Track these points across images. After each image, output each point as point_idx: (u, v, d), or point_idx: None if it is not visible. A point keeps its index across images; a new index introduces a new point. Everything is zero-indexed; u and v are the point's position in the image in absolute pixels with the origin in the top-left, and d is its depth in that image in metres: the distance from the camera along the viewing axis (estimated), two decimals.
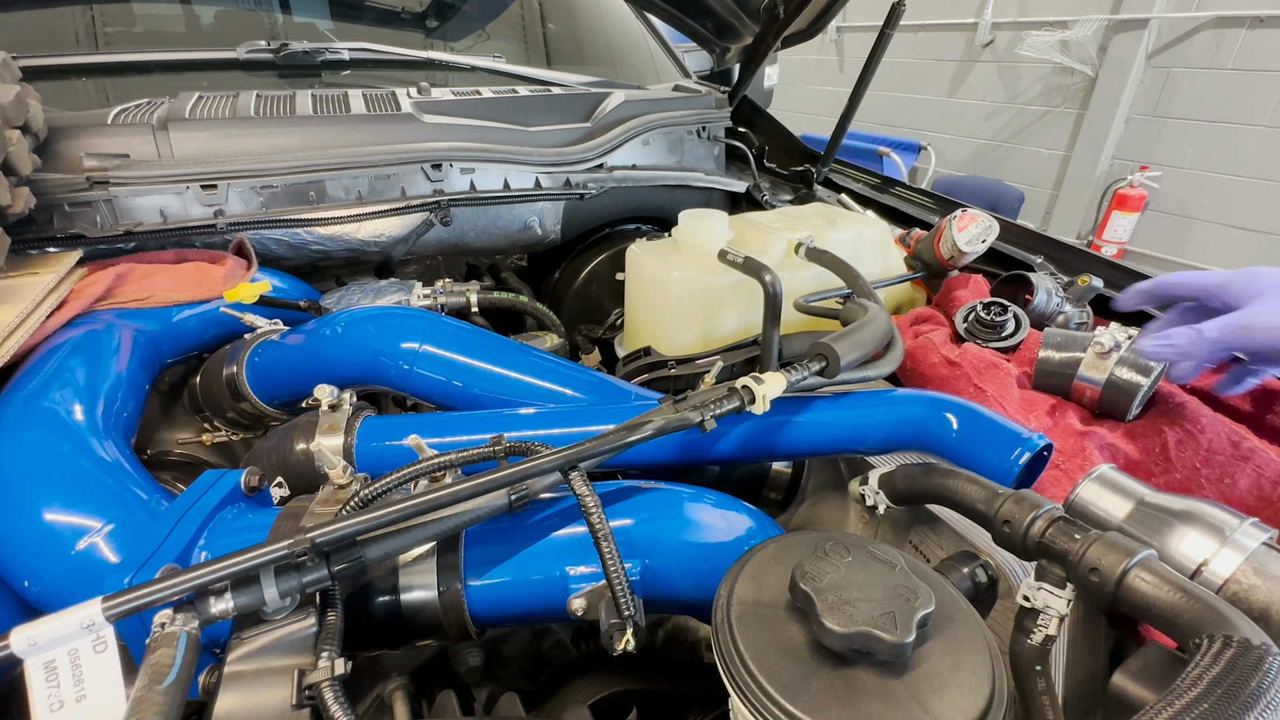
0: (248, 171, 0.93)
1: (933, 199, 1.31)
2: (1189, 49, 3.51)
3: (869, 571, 0.41)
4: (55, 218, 0.85)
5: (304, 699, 0.40)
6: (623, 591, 0.46)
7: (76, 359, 0.68)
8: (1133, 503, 0.51)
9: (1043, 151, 4.22)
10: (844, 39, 5.15)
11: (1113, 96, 3.77)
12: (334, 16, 1.46)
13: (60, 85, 1.09)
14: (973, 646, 0.39)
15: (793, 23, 1.33)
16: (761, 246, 0.96)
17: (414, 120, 1.05)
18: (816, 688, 0.36)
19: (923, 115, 4.76)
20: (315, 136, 0.99)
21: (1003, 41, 4.19)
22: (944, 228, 1.02)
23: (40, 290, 0.71)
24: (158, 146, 0.91)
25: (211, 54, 1.19)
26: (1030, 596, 0.46)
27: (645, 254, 0.95)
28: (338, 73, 1.26)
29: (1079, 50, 3.78)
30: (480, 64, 1.36)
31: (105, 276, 0.78)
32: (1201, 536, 0.46)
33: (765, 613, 0.41)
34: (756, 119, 1.57)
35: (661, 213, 1.32)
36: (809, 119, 5.34)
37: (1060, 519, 0.45)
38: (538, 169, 1.12)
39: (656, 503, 0.57)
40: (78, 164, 0.86)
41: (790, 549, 0.46)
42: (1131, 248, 3.95)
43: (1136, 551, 0.41)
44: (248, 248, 0.91)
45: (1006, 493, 0.49)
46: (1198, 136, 3.58)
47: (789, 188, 1.46)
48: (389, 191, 1.02)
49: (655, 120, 1.27)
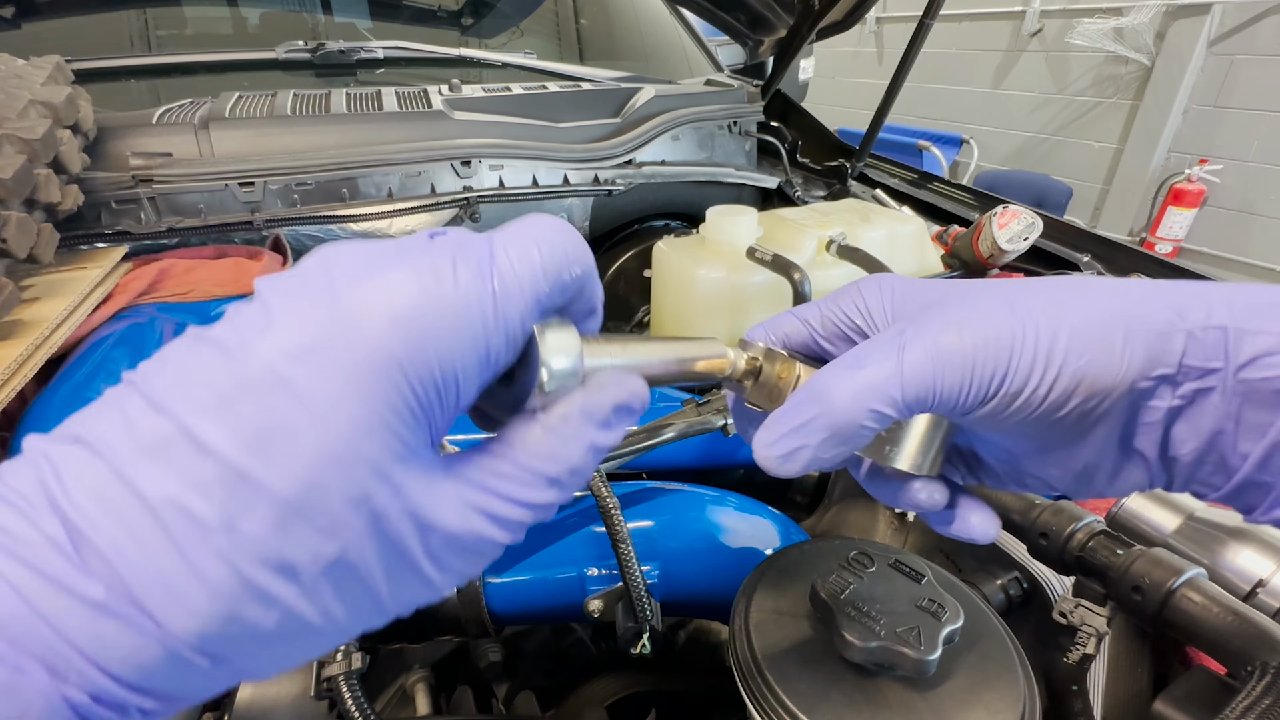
0: (284, 169, 0.95)
1: (973, 195, 1.27)
2: (1255, 35, 3.32)
3: (894, 583, 0.39)
4: (103, 214, 0.88)
5: (322, 690, 0.40)
6: (639, 596, 0.45)
7: (120, 351, 0.71)
8: (1181, 517, 0.48)
9: (1093, 144, 4.05)
10: (883, 30, 5.03)
11: (1170, 86, 3.59)
12: (373, 16, 1.49)
13: (115, 87, 1.14)
14: (1002, 664, 0.37)
15: (828, 14, 1.30)
16: (791, 244, 0.94)
17: (444, 117, 1.06)
18: (836, 701, 0.35)
19: (965, 108, 4.61)
20: (349, 134, 1.00)
21: (1052, 30, 4.03)
22: (984, 225, 0.98)
23: (87, 284, 0.73)
24: (199, 145, 0.93)
25: (252, 55, 1.22)
26: (1067, 613, 0.44)
27: (672, 251, 0.94)
28: (372, 71, 1.28)
29: (1134, 38, 3.61)
30: (511, 60, 1.37)
31: (149, 272, 0.81)
32: (1257, 555, 0.43)
33: (785, 621, 0.40)
34: (790, 113, 1.54)
35: (691, 209, 1.30)
36: (847, 112, 5.24)
37: (1101, 532, 0.43)
38: (566, 165, 1.12)
39: (678, 505, 0.56)
40: (124, 162, 0.89)
41: (813, 556, 0.45)
42: (1188, 245, 3.76)
43: (1184, 569, 0.39)
44: (284, 244, 0.93)
45: (1044, 503, 0.47)
46: (1263, 127, 3.39)
47: (822, 183, 1.43)
48: (419, 188, 1.03)
49: (685, 115, 1.25)
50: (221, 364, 0.18)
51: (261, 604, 0.18)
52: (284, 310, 0.19)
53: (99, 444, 0.18)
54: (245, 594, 0.18)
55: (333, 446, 0.18)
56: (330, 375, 0.18)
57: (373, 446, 0.19)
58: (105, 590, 0.17)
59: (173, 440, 0.18)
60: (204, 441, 0.18)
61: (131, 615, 0.17)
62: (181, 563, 0.17)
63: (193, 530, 0.17)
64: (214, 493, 0.17)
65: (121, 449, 0.18)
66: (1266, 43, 3.29)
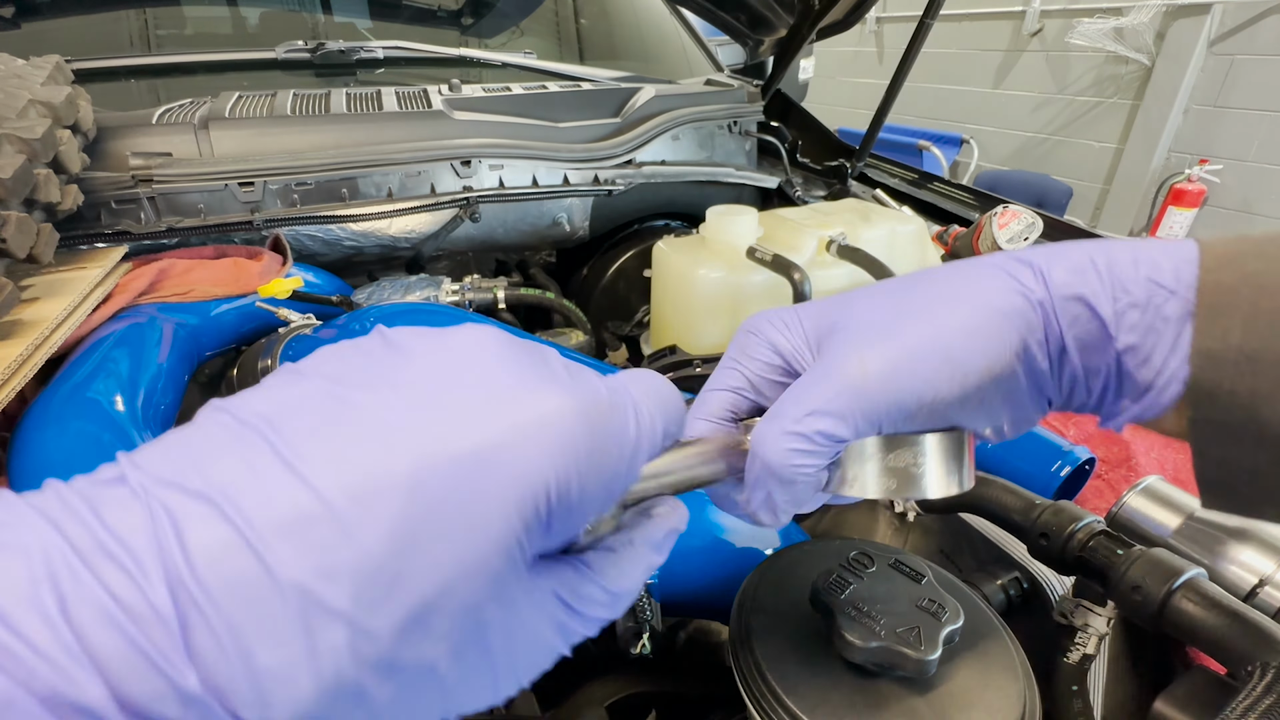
0: (284, 169, 0.95)
1: (973, 195, 1.27)
2: (1255, 35, 3.32)
3: (895, 583, 0.39)
4: (103, 214, 0.88)
5: None
6: (639, 596, 0.45)
7: (120, 351, 0.71)
8: (1182, 517, 0.48)
9: (1093, 144, 4.05)
10: (884, 30, 5.02)
11: (1170, 86, 3.59)
12: (373, 16, 1.49)
13: (115, 87, 1.14)
14: (1002, 664, 0.37)
15: (828, 14, 1.30)
16: (791, 243, 0.94)
17: (444, 117, 1.06)
18: (836, 702, 0.35)
19: (966, 107, 4.61)
20: (349, 134, 1.00)
21: (1052, 30, 4.03)
22: (984, 224, 0.98)
23: (87, 284, 0.73)
24: (199, 145, 0.93)
25: (252, 54, 1.22)
26: (1067, 613, 0.44)
27: (672, 251, 0.94)
28: (372, 71, 1.28)
29: (1134, 38, 3.61)
30: (511, 60, 1.37)
31: (148, 271, 0.81)
32: (1258, 555, 0.43)
33: (785, 622, 0.40)
34: (790, 113, 1.54)
35: (691, 209, 1.30)
36: (847, 112, 5.23)
37: (1102, 532, 0.43)
38: (566, 165, 1.12)
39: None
40: (124, 162, 0.89)
41: (813, 556, 0.45)
42: None
43: (1184, 570, 0.39)
44: (283, 244, 0.93)
45: (1044, 504, 0.47)
46: (1263, 127, 3.39)
47: (822, 183, 1.43)
48: (419, 188, 1.03)
49: (685, 115, 1.25)
50: (376, 437, 0.17)
51: (355, 704, 0.17)
52: (450, 402, 0.18)
53: (230, 508, 0.15)
54: (344, 693, 0.16)
55: (472, 560, 0.18)
56: (495, 486, 0.18)
57: (503, 564, 0.19)
58: (199, 683, 0.15)
59: (314, 518, 0.16)
60: (350, 528, 0.16)
61: (216, 713, 0.15)
62: (298, 654, 0.15)
63: (318, 620, 0.16)
64: (346, 584, 0.16)
65: (256, 518, 0.15)
66: (1266, 43, 3.29)
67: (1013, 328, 0.27)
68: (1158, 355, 0.26)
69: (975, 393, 0.28)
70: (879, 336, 0.28)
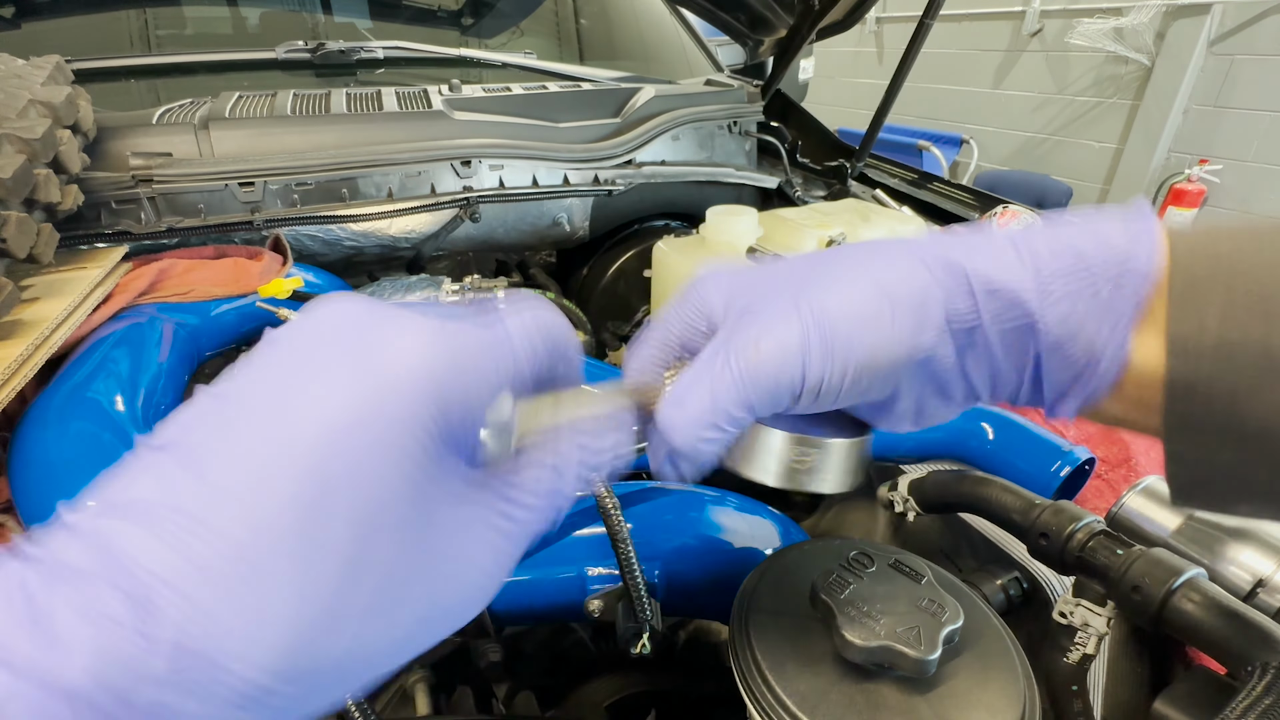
0: (284, 169, 0.95)
1: (973, 195, 1.27)
2: (1255, 35, 3.32)
3: (894, 583, 0.39)
4: (103, 214, 0.88)
5: None
6: (639, 595, 0.45)
7: (120, 351, 0.71)
8: (1182, 517, 0.48)
9: (1093, 144, 4.05)
10: (884, 30, 5.03)
11: (1170, 86, 3.59)
12: (373, 16, 1.49)
13: (115, 86, 1.14)
14: (1002, 664, 0.37)
15: (828, 14, 1.30)
16: (791, 243, 0.94)
17: (444, 117, 1.06)
18: (836, 701, 0.35)
19: (966, 108, 4.61)
20: (349, 134, 1.00)
21: (1051, 30, 4.03)
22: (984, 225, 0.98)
23: (87, 284, 0.73)
24: (199, 145, 0.93)
25: (252, 54, 1.22)
26: (1067, 613, 0.44)
27: (672, 251, 0.94)
28: (372, 71, 1.28)
29: (1134, 38, 3.61)
30: (511, 60, 1.37)
31: (148, 271, 0.81)
32: (1258, 555, 0.43)
33: (785, 622, 0.40)
34: (790, 113, 1.54)
35: (691, 209, 1.30)
36: (847, 112, 5.23)
37: (1101, 532, 0.43)
38: (566, 165, 1.12)
39: (678, 505, 0.56)
40: (124, 162, 0.89)
41: (813, 556, 0.45)
42: None
43: (1183, 570, 0.39)
44: (283, 244, 0.93)
45: (1044, 503, 0.47)
46: (1263, 127, 3.39)
47: (822, 183, 1.43)
48: (419, 188, 1.03)
49: (685, 115, 1.25)
50: (249, 423, 0.19)
51: (331, 629, 0.19)
52: (310, 367, 0.20)
53: (153, 518, 0.18)
54: (318, 624, 0.19)
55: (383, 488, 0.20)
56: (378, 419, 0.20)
57: (414, 470, 0.21)
58: (173, 644, 0.17)
59: (218, 504, 0.18)
60: (250, 506, 0.18)
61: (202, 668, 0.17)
62: (255, 606, 0.18)
63: (254, 575, 0.18)
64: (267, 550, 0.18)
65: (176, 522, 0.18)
66: (1266, 43, 3.29)
67: (910, 314, 0.27)
68: (1090, 328, 0.25)
69: (870, 379, 0.27)
70: (777, 319, 0.28)
